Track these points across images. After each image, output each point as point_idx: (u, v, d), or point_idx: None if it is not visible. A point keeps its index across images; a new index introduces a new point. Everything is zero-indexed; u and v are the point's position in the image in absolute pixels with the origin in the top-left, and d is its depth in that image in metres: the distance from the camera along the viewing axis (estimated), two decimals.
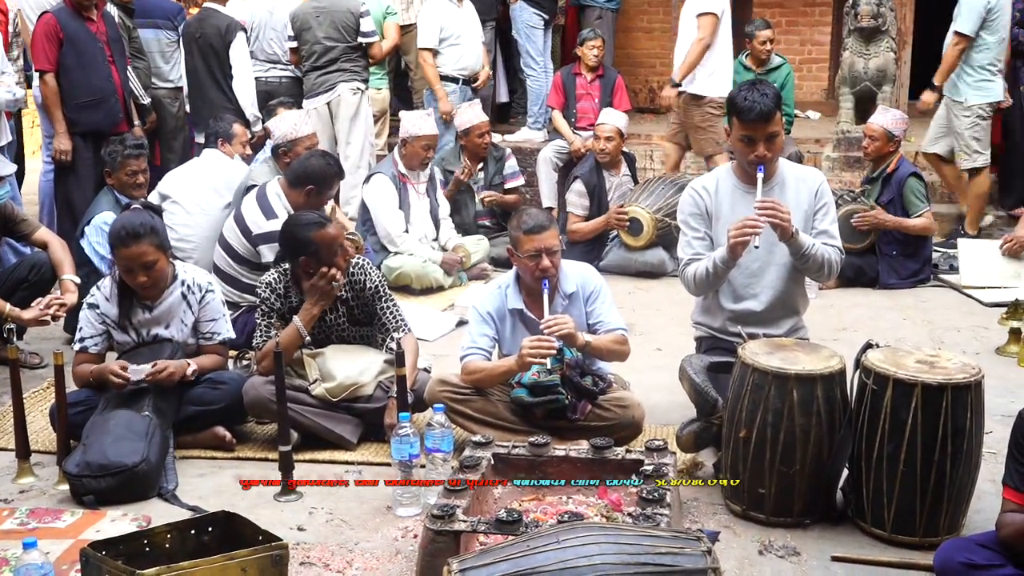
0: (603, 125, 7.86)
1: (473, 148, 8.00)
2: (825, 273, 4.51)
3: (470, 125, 7.95)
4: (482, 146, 8.02)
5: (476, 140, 7.97)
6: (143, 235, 4.48)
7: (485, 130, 8.03)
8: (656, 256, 7.61)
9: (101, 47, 6.95)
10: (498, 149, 8.33)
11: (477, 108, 8.12)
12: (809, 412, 3.83)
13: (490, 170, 8.15)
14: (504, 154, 8.31)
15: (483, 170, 8.12)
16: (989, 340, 6.16)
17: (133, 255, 4.48)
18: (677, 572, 2.89)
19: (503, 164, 8.24)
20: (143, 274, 4.53)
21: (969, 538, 3.38)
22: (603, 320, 4.60)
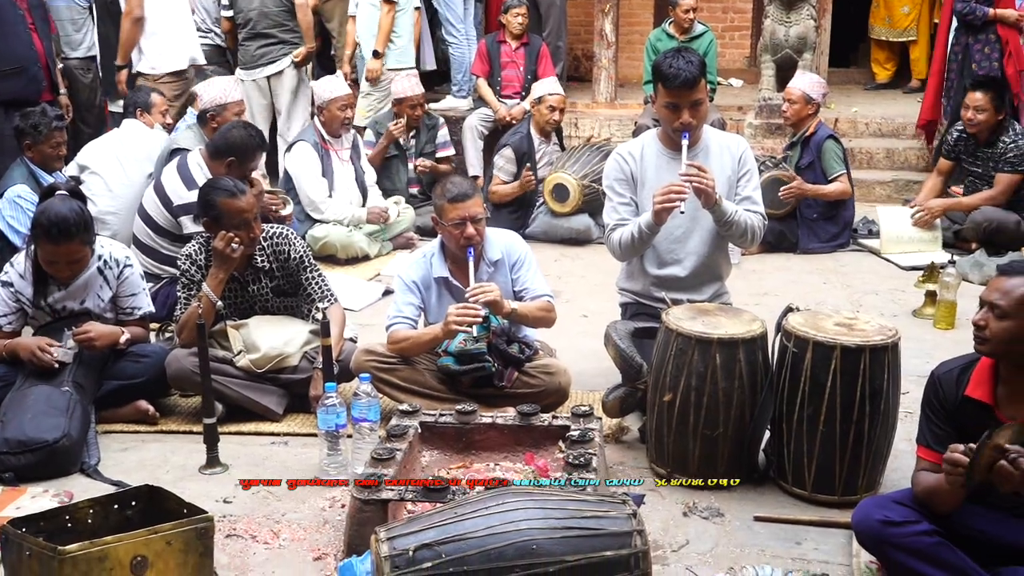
0: (553, 95, 7.85)
1: (407, 118, 7.95)
2: (748, 239, 4.57)
3: (404, 96, 7.89)
4: (414, 117, 7.97)
5: (409, 111, 7.92)
6: (75, 234, 4.37)
7: (419, 102, 7.97)
8: (582, 223, 7.64)
9: (22, 14, 6.75)
10: (431, 118, 8.27)
11: (414, 80, 8.04)
12: (731, 376, 3.89)
13: (422, 138, 8.09)
14: (437, 123, 8.25)
15: (415, 138, 8.07)
16: (906, 303, 6.29)
17: (61, 252, 4.39)
18: (603, 535, 2.93)
19: (435, 133, 8.18)
20: (67, 269, 4.45)
21: (886, 496, 3.45)
22: (529, 287, 4.61)
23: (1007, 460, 2.87)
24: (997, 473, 2.89)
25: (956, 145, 7.42)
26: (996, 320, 3.06)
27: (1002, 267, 3.17)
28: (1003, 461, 2.87)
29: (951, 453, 2.96)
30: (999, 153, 7.10)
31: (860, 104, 10.29)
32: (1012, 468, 2.87)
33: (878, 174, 8.98)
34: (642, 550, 2.95)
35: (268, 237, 4.70)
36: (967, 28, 8.23)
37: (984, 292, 3.14)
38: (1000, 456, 2.88)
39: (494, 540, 2.87)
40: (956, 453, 2.95)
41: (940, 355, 3.48)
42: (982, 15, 8.05)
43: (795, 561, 3.50)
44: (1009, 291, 3.05)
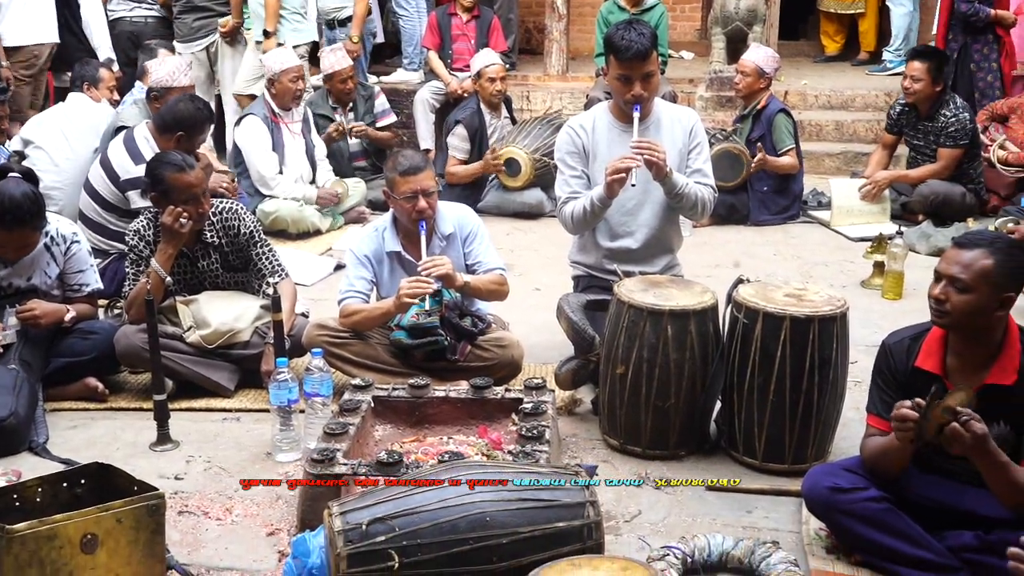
0: (490, 66, 7.82)
1: (337, 93, 7.88)
2: (699, 211, 4.59)
3: (332, 71, 7.80)
4: (345, 91, 7.88)
5: (339, 86, 7.84)
6: (28, 221, 4.29)
7: (348, 75, 7.87)
8: (534, 197, 7.64)
9: None
10: (366, 88, 8.21)
11: (340, 53, 7.90)
12: (683, 347, 3.91)
13: (360, 110, 8.02)
14: (373, 92, 8.19)
15: (352, 111, 7.99)
16: (855, 273, 6.36)
17: (12, 238, 4.32)
18: (556, 507, 2.95)
19: (372, 103, 8.11)
20: (15, 252, 4.39)
21: (835, 463, 3.50)
22: (481, 260, 4.61)
23: (958, 422, 2.92)
24: (948, 435, 2.93)
25: (899, 119, 7.50)
26: (957, 294, 3.08)
27: (957, 239, 3.18)
28: (954, 423, 2.92)
29: (900, 410, 3.01)
30: (940, 127, 7.18)
31: (809, 77, 10.36)
32: (963, 430, 2.91)
33: (827, 146, 9.05)
34: (595, 520, 2.98)
35: (217, 212, 4.65)
36: (966, 29, 8.28)
37: (940, 265, 3.15)
38: (952, 418, 2.92)
39: (447, 513, 2.88)
40: (904, 409, 2.99)
41: (888, 325, 3.53)
42: (985, 16, 8.12)
43: (746, 529, 3.54)
44: (969, 264, 3.06)
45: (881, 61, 10.51)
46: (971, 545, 3.15)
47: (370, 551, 2.84)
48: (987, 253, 3.06)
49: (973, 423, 2.92)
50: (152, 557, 3.07)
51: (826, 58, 11.37)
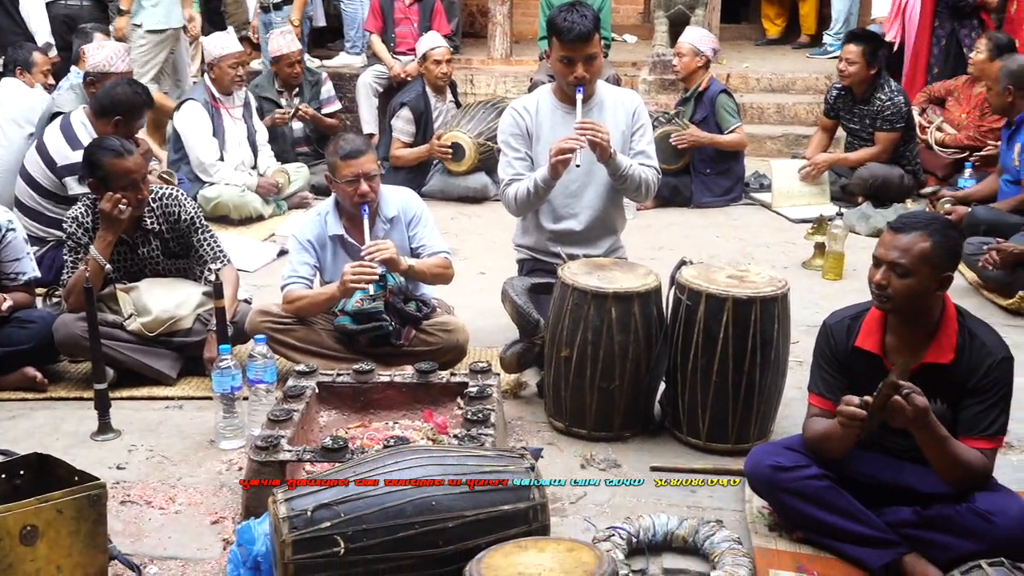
0: (436, 49, 7.78)
1: (285, 77, 7.82)
2: (643, 193, 4.61)
3: (280, 54, 7.74)
4: (293, 75, 7.83)
5: (287, 70, 7.79)
6: None
7: (296, 59, 7.83)
8: (479, 181, 7.63)
9: None
10: (313, 74, 8.15)
11: (289, 36, 7.87)
12: (627, 329, 3.93)
13: (306, 95, 7.97)
14: (320, 79, 8.14)
15: (299, 95, 7.94)
16: (796, 254, 6.43)
17: None
18: (501, 489, 2.95)
19: (319, 89, 8.06)
20: None
21: (777, 442, 3.54)
22: (425, 244, 4.59)
23: (901, 396, 2.96)
24: (890, 409, 2.97)
25: (836, 103, 7.58)
26: (898, 278, 3.11)
27: (893, 224, 3.20)
28: (897, 397, 2.96)
29: (847, 407, 3.04)
30: (876, 111, 7.26)
31: (751, 60, 10.43)
32: (905, 403, 2.96)
33: (769, 129, 9.12)
34: (540, 503, 2.98)
35: (157, 198, 4.59)
36: (954, 14, 8.32)
37: (879, 251, 3.17)
38: (894, 392, 2.96)
39: (393, 498, 2.87)
40: (852, 407, 3.03)
41: (829, 305, 3.57)
42: (972, 0, 8.20)
43: (690, 509, 3.57)
44: (908, 248, 3.09)
45: (822, 44, 10.61)
46: (910, 520, 3.20)
47: (316, 537, 2.82)
48: (924, 236, 3.10)
49: (915, 396, 2.96)
50: (94, 548, 3.03)
51: (767, 41, 11.46)
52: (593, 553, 2.80)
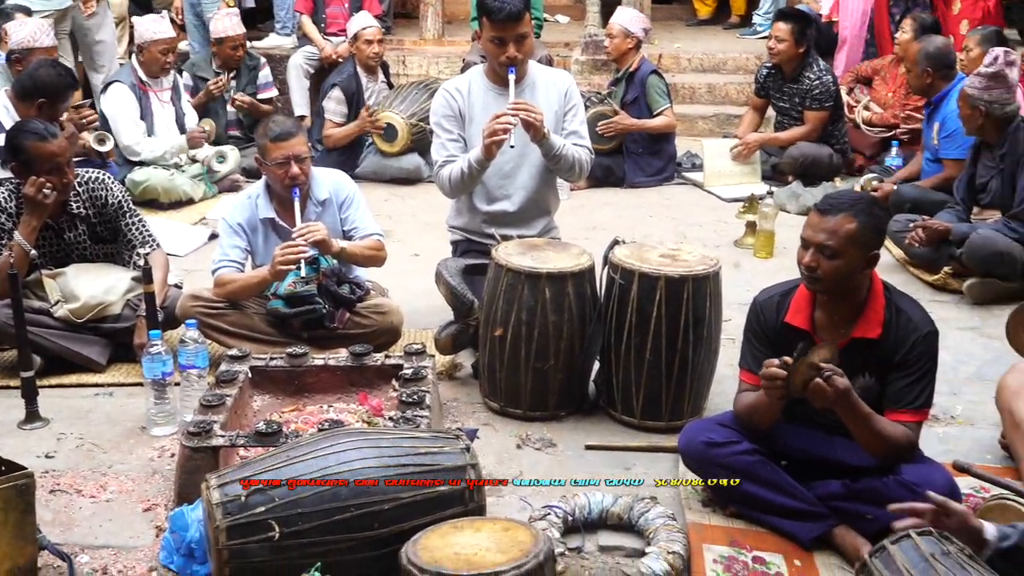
0: (367, 28, 7.72)
1: (226, 58, 7.71)
2: (576, 173, 4.62)
3: (224, 35, 7.64)
4: (235, 58, 7.74)
5: (229, 51, 7.69)
6: None
7: (240, 42, 7.73)
8: (412, 162, 7.59)
9: None
10: (252, 58, 8.04)
11: (236, 19, 7.77)
12: (561, 309, 3.95)
13: (243, 79, 7.87)
14: (259, 63, 8.03)
15: (236, 79, 7.83)
16: (728, 233, 6.50)
17: None
18: (437, 470, 2.96)
19: (256, 74, 7.96)
20: None
21: (709, 419, 3.59)
22: (358, 226, 4.57)
23: (822, 378, 3.01)
24: (812, 390, 3.03)
25: (766, 81, 7.66)
26: (827, 260, 3.15)
27: (819, 205, 3.23)
28: (818, 379, 3.01)
29: (768, 368, 3.09)
30: (804, 89, 7.35)
31: (682, 40, 10.48)
32: (826, 385, 3.01)
33: (700, 109, 9.18)
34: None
35: (83, 182, 4.51)
36: None
37: (806, 232, 3.20)
38: (815, 374, 3.01)
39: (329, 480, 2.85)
40: (772, 368, 3.07)
41: (760, 283, 3.61)
42: None
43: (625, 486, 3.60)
44: (835, 230, 3.13)
45: (751, 24, 10.68)
46: (839, 493, 3.26)
47: (250, 522, 2.80)
48: (850, 216, 3.14)
49: (835, 379, 3.01)
50: (22, 538, 2.98)
51: (698, 22, 11.52)
52: (529, 532, 2.82)
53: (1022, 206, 5.20)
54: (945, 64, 6.33)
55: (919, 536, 2.43)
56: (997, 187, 5.42)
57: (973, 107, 5.31)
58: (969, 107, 5.33)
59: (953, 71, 6.37)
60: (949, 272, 5.48)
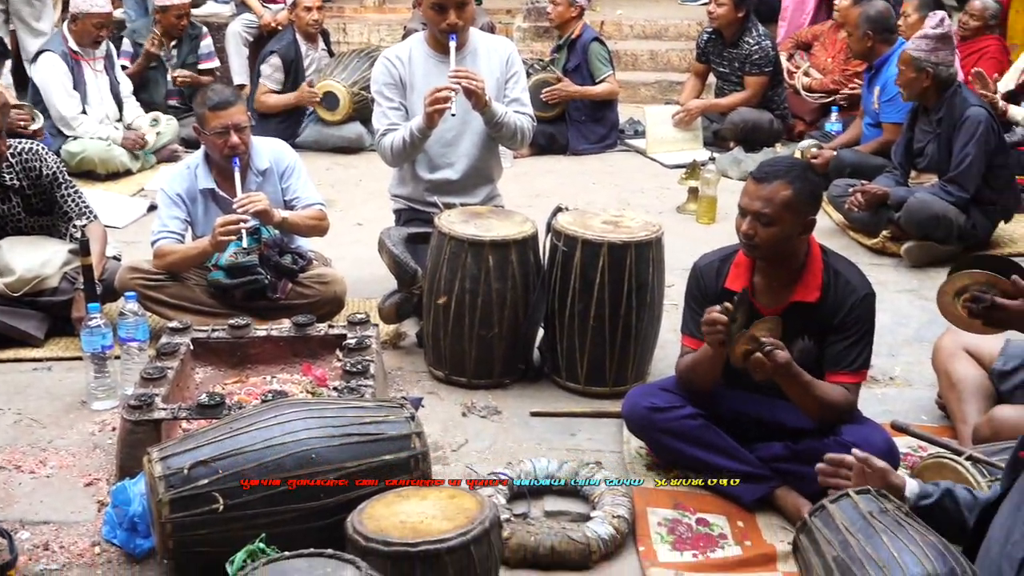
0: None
1: (169, 27, 7.56)
2: (518, 140, 4.61)
3: (168, 3, 7.48)
4: (179, 27, 7.59)
5: (173, 20, 7.53)
6: None
7: (185, 11, 7.59)
8: (353, 131, 7.53)
9: None
10: (194, 27, 7.89)
11: None
12: (504, 276, 3.95)
13: (184, 49, 7.73)
14: (200, 32, 7.89)
15: (177, 48, 7.70)
16: (670, 199, 6.53)
17: None
18: (382, 440, 2.95)
19: (198, 43, 7.82)
20: None
21: (653, 384, 3.61)
22: (299, 196, 4.53)
23: (761, 352, 3.04)
24: (752, 364, 3.06)
25: (706, 47, 7.69)
26: (764, 227, 3.17)
27: (755, 173, 3.25)
28: (758, 352, 3.04)
29: (709, 314, 3.11)
30: (744, 55, 7.39)
31: (624, 7, 10.47)
32: (766, 360, 3.04)
33: (643, 75, 9.20)
34: (421, 451, 3.00)
35: (16, 154, 4.41)
36: None
37: (743, 201, 3.22)
38: (755, 348, 3.04)
39: (272, 452, 2.84)
40: (714, 313, 3.10)
41: (703, 249, 3.62)
42: None
43: (570, 452, 3.63)
44: (770, 197, 3.15)
45: None
46: (781, 455, 3.31)
47: (193, 495, 2.79)
48: (785, 184, 3.16)
49: (775, 352, 3.05)
50: None
51: None
52: (475, 499, 2.83)
53: (958, 170, 5.27)
54: (886, 28, 6.39)
55: (858, 495, 2.48)
56: (934, 151, 5.49)
57: (919, 69, 5.33)
58: (914, 70, 5.35)
59: (894, 35, 6.43)
60: (887, 236, 5.55)
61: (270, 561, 2.41)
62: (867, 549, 2.29)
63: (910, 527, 2.34)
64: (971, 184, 5.28)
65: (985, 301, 3.09)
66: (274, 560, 2.41)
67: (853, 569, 2.27)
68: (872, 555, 2.26)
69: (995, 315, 3.06)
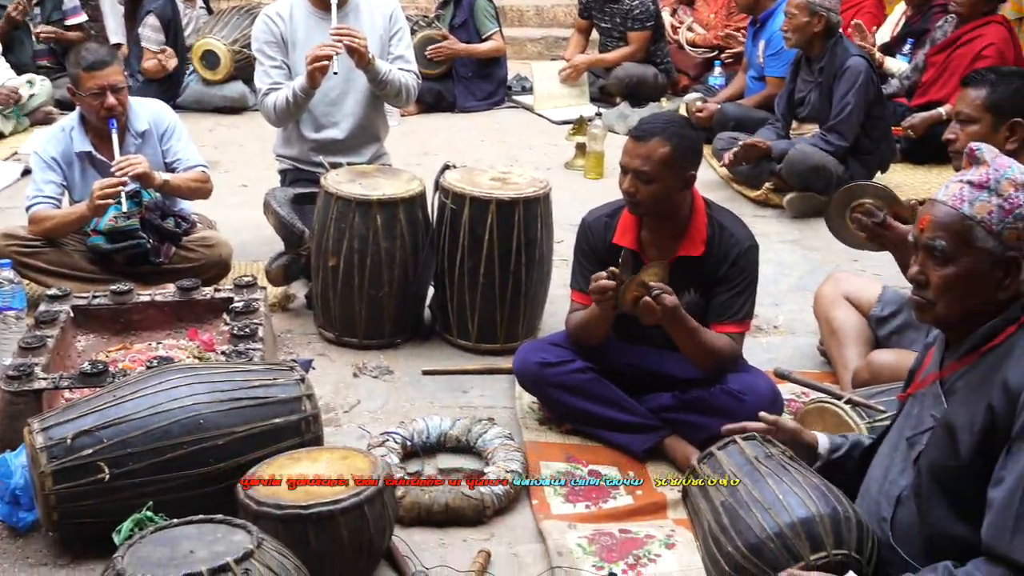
0: None
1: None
2: (404, 98, 4.58)
3: None
4: None
5: None
6: None
7: None
8: (236, 90, 7.38)
9: None
10: None
11: None
12: (393, 236, 3.92)
13: (48, 6, 7.46)
14: None
15: (39, 5, 7.42)
16: (559, 155, 6.55)
17: None
18: (271, 403, 2.93)
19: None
20: None
21: (543, 339, 3.64)
22: (181, 158, 4.42)
23: (650, 296, 3.08)
24: (642, 308, 3.09)
25: (588, 3, 7.71)
26: (644, 185, 3.20)
27: (633, 131, 3.28)
28: (647, 297, 3.08)
29: (597, 281, 3.14)
30: (625, 10, 7.44)
31: None
32: (654, 303, 3.08)
33: (529, 31, 9.19)
34: (312, 414, 2.98)
35: None
36: None
37: (623, 159, 3.25)
38: (644, 292, 3.08)
39: (158, 419, 2.79)
40: (602, 280, 3.13)
41: (591, 204, 3.64)
42: None
43: (463, 409, 3.64)
44: (649, 155, 3.18)
45: None
46: (669, 405, 3.37)
47: (77, 465, 2.73)
48: (663, 141, 3.18)
49: (664, 296, 3.09)
50: None
51: None
52: (367, 459, 2.83)
53: (838, 118, 5.39)
54: None
55: (744, 441, 2.53)
56: (815, 100, 5.60)
57: (813, 14, 5.40)
58: (808, 14, 5.41)
59: None
60: (770, 188, 5.67)
61: (158, 529, 2.37)
62: (753, 493, 2.34)
63: (794, 470, 2.40)
64: (850, 133, 5.41)
65: (877, 217, 3.22)
66: (162, 528, 2.37)
67: (740, 512, 2.32)
68: (758, 498, 2.32)
69: (881, 233, 3.18)
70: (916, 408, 2.31)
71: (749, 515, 2.31)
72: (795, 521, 2.24)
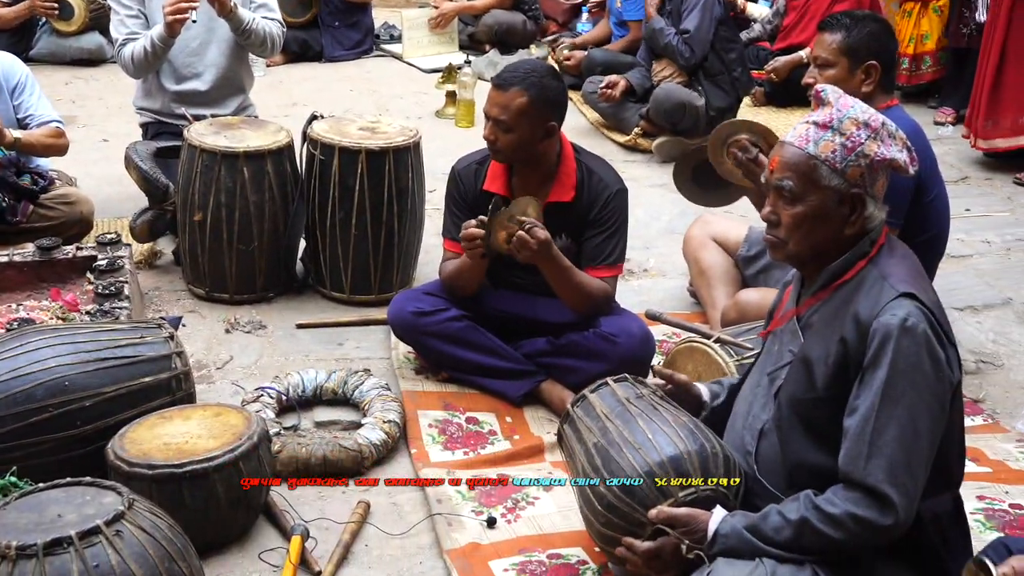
0: None
1: None
2: (268, 47, 4.48)
3: None
4: None
5: None
6: None
7: None
8: (93, 41, 7.11)
9: None
10: None
11: None
12: (261, 188, 3.85)
13: None
14: None
15: None
16: (429, 104, 6.51)
17: None
18: (140, 362, 2.87)
19: None
20: None
21: (417, 288, 3.64)
22: (34, 113, 4.25)
23: (523, 230, 3.09)
24: (516, 243, 3.10)
25: None
26: (503, 134, 3.21)
27: (495, 79, 3.29)
28: (520, 231, 3.09)
29: (466, 230, 3.14)
30: None
31: None
32: (528, 237, 3.09)
33: None
34: (183, 371, 2.93)
35: None
36: None
37: (485, 107, 3.26)
38: (517, 227, 3.09)
39: (19, 383, 2.72)
40: (471, 228, 3.13)
41: (462, 152, 3.63)
42: None
43: (339, 361, 3.62)
44: (507, 104, 3.19)
45: None
46: (544, 350, 3.41)
47: None
48: (521, 91, 3.19)
49: (536, 230, 3.10)
50: None
51: None
52: (241, 415, 2.80)
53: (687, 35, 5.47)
54: None
55: (616, 383, 2.57)
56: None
57: None
58: None
59: None
60: (639, 132, 5.73)
61: (24, 494, 2.30)
62: (624, 433, 2.39)
63: (665, 410, 2.46)
64: (699, 46, 5.49)
65: (751, 152, 3.31)
66: (27, 493, 2.31)
67: (612, 453, 2.37)
68: (629, 438, 2.37)
69: (753, 169, 3.28)
70: (776, 345, 2.38)
71: (620, 455, 2.36)
72: (664, 460, 2.30)
